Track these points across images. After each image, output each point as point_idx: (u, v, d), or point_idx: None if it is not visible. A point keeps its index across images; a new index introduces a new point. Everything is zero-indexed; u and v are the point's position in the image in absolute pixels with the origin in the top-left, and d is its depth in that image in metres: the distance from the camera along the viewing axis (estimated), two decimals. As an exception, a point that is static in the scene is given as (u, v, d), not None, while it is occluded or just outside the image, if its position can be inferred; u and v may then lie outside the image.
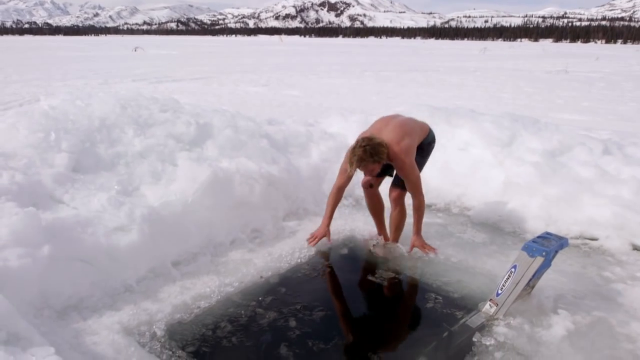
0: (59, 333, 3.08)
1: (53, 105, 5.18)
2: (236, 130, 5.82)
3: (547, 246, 3.46)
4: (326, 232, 4.58)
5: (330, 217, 4.60)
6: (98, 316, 3.36)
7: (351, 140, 6.98)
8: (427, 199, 6.01)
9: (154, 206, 4.24)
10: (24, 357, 2.09)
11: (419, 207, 4.41)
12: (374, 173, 4.16)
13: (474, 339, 3.34)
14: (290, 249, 4.57)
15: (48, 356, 2.12)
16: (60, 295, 3.42)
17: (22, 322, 2.47)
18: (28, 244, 3.38)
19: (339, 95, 18.36)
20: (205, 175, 4.61)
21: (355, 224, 5.28)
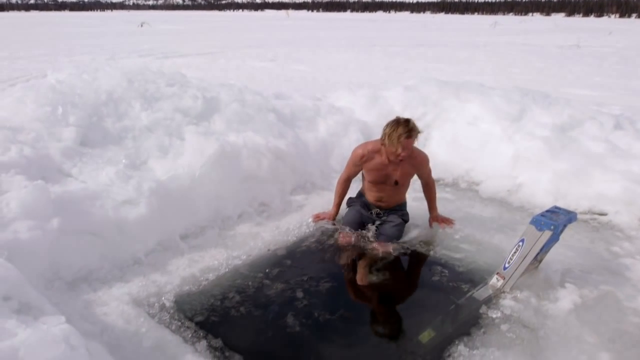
0: (69, 304, 3.13)
1: (60, 79, 5.17)
2: (243, 104, 5.79)
3: (556, 220, 3.44)
4: (332, 217, 4.60)
5: (338, 205, 4.65)
6: (108, 288, 3.40)
7: (359, 115, 6.97)
8: (435, 173, 6.00)
9: (162, 180, 4.24)
10: (35, 325, 2.12)
11: (433, 189, 4.64)
12: (408, 151, 4.08)
13: (481, 312, 3.35)
14: (297, 222, 4.58)
15: (59, 324, 2.15)
16: (71, 267, 3.46)
17: (33, 292, 2.50)
18: (37, 217, 3.41)
19: (347, 70, 18.20)
20: (213, 149, 4.61)
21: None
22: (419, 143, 6.59)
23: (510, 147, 5.95)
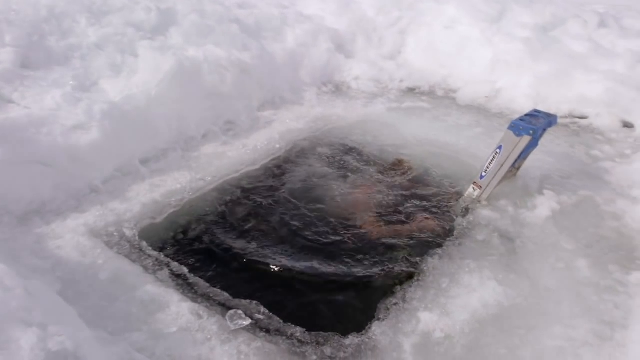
0: (19, 239, 2.91)
1: (-8, -6, 4.62)
2: (202, 15, 5.31)
3: (535, 124, 3.23)
4: None
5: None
6: (62, 219, 3.17)
7: (329, 22, 6.52)
8: (411, 82, 5.78)
9: (115, 101, 3.90)
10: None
11: None
12: None
13: (456, 223, 3.24)
14: (266, 139, 4.33)
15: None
16: (20, 200, 3.20)
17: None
18: (-25, 147, 3.11)
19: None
20: (169, 65, 4.23)
21: (334, 110, 5.01)
22: (391, 50, 6.31)
23: (489, 51, 5.64)
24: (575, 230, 3.18)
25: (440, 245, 3.02)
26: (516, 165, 3.59)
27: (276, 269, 2.88)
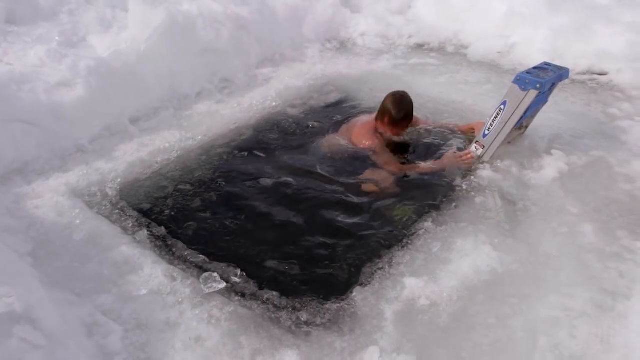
0: (-4, 199, 2.83)
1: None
2: (199, -33, 5.06)
3: (543, 77, 2.96)
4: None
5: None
6: (44, 179, 3.08)
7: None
8: (420, 38, 5.49)
9: (102, 57, 3.75)
10: None
11: None
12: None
13: (454, 184, 3.04)
14: (261, 97, 4.14)
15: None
16: (2, 159, 3.11)
17: None
18: (-47, 104, 3.00)
19: None
20: (160, 20, 4.03)
21: (337, 67, 4.77)
22: (401, 4, 5.98)
23: (504, 3, 5.27)
24: (584, 192, 2.95)
25: (436, 208, 2.84)
26: (523, 124, 3.35)
27: (260, 232, 2.74)
